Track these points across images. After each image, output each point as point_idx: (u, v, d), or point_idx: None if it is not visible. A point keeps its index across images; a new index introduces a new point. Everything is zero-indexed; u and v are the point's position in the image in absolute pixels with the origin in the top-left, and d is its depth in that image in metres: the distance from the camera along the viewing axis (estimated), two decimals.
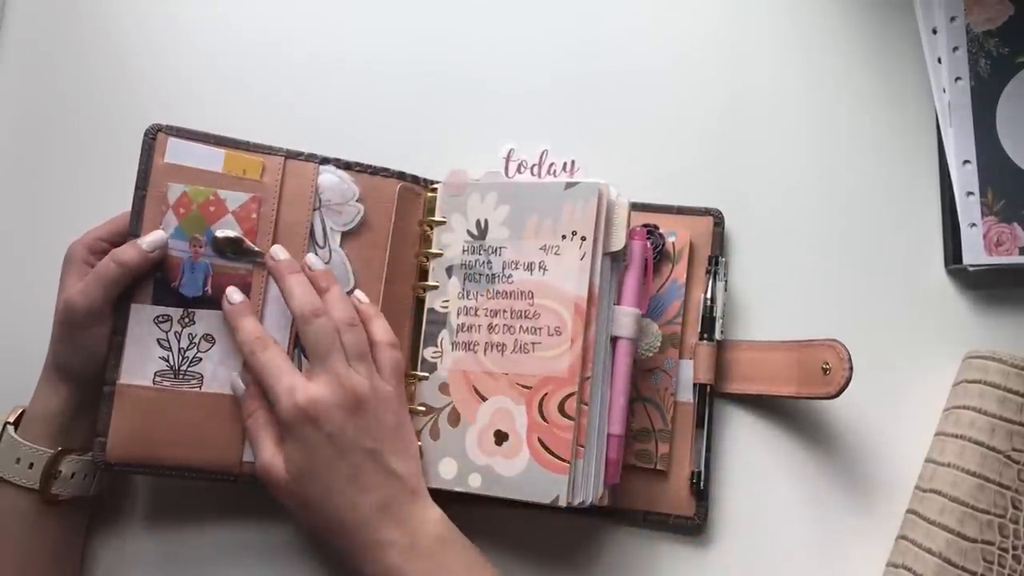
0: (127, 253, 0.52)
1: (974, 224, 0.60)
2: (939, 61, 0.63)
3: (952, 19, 0.63)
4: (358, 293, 0.56)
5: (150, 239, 0.53)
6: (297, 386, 0.50)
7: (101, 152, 0.62)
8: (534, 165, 0.57)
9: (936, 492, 0.55)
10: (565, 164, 0.57)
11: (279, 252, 0.54)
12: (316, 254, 0.56)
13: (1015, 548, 0.54)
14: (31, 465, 0.52)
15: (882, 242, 0.62)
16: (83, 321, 0.52)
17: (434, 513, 0.51)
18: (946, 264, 0.62)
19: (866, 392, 0.59)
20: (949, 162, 0.62)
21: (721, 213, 0.61)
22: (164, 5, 0.64)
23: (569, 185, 0.54)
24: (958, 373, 0.59)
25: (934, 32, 0.64)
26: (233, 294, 0.54)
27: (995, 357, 0.56)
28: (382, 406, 0.52)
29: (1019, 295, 0.61)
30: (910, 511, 0.57)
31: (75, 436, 0.54)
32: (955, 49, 0.63)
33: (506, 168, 0.58)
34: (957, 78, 0.62)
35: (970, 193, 0.61)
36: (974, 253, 0.60)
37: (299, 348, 0.56)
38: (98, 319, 0.52)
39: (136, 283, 0.53)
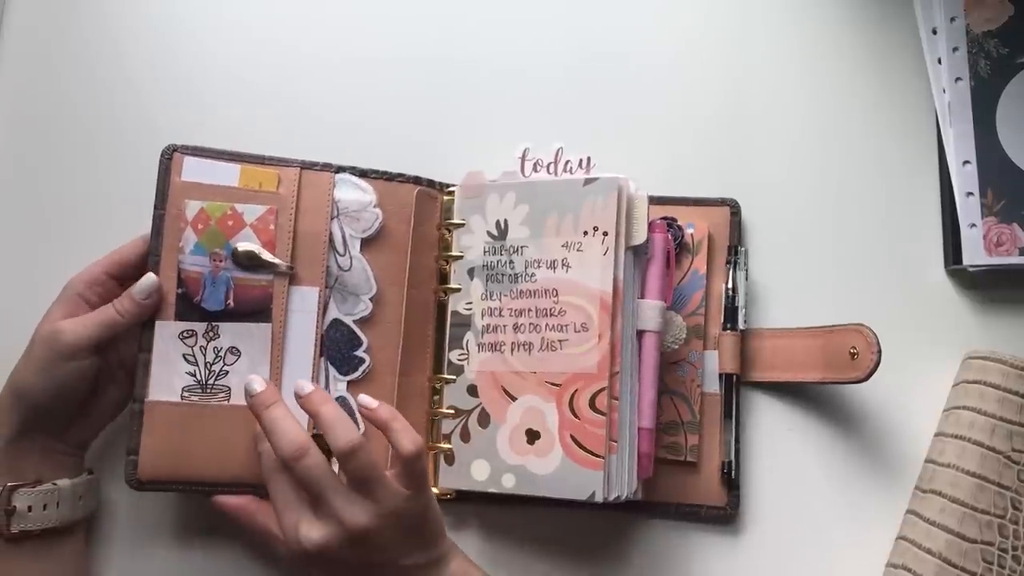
0: (123, 304, 0.52)
1: (974, 224, 0.60)
2: (939, 61, 0.63)
3: (952, 19, 0.63)
4: (364, 399, 0.50)
5: (141, 286, 0.53)
6: (301, 526, 0.48)
7: (107, 161, 0.61)
8: (550, 163, 0.57)
9: (936, 492, 0.55)
10: (581, 161, 0.57)
11: (255, 383, 0.50)
12: (337, 262, 0.56)
13: (1015, 548, 0.54)
14: None
15: (882, 242, 0.62)
16: (66, 352, 0.51)
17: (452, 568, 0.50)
18: (946, 264, 0.62)
19: (866, 391, 0.59)
20: (949, 162, 0.62)
21: (737, 203, 0.61)
22: (170, 8, 0.63)
23: (588, 181, 0.54)
24: (958, 374, 0.59)
25: (934, 32, 0.64)
26: (253, 383, 0.50)
27: (995, 358, 0.57)
28: (391, 525, 0.48)
29: (1019, 295, 0.61)
30: (910, 511, 0.57)
31: (25, 468, 0.51)
32: (955, 49, 0.63)
33: (522, 167, 0.57)
34: (957, 78, 0.62)
35: (970, 193, 0.61)
36: (974, 253, 0.60)
37: (324, 357, 0.56)
38: (81, 356, 0.51)
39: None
